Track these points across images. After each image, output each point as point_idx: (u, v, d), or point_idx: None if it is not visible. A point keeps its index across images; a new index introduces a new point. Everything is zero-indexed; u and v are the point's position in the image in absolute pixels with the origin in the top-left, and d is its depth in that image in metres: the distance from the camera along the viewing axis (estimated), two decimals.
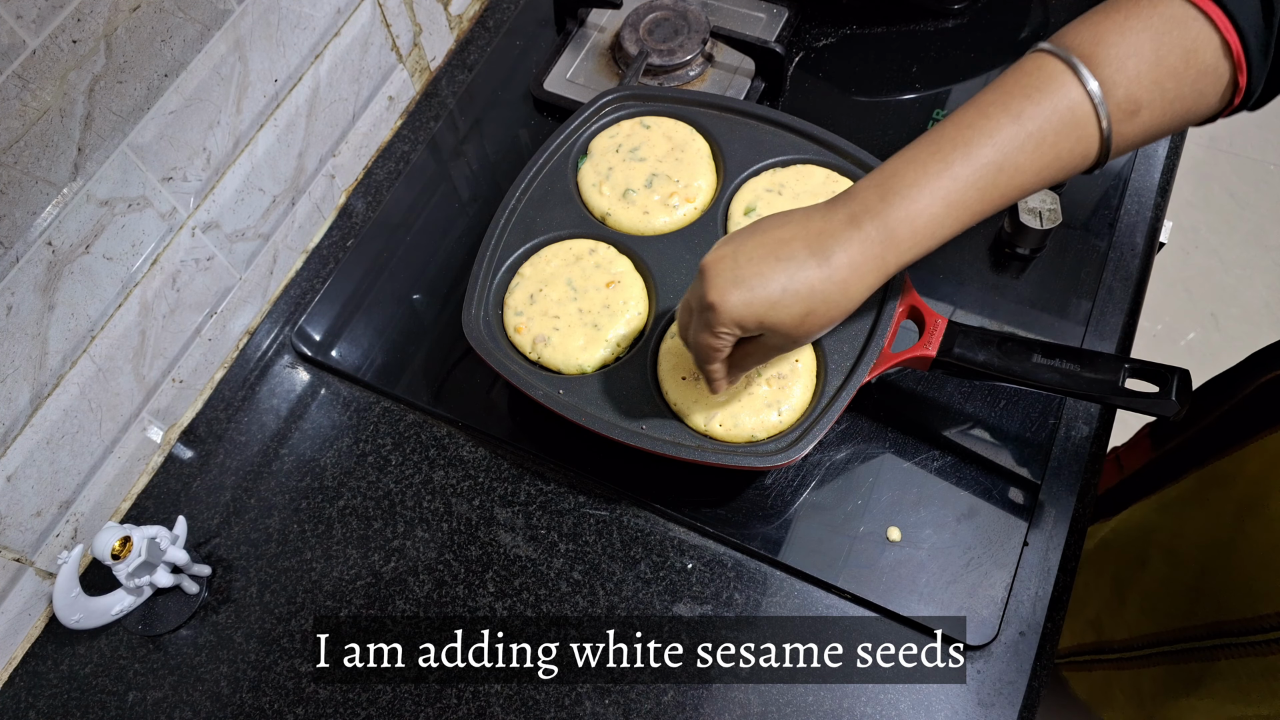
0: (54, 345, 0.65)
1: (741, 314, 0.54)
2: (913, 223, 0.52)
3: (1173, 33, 0.49)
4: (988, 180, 0.52)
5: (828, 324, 0.55)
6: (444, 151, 0.93)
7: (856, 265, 0.53)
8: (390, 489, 0.75)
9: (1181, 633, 0.69)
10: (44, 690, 0.69)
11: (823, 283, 0.53)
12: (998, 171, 0.52)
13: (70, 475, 0.70)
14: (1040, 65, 0.52)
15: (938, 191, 0.52)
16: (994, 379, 0.66)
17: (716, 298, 0.54)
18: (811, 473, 0.71)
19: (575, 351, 0.70)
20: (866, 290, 0.54)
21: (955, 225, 0.53)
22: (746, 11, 0.96)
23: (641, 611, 0.68)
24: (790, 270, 0.53)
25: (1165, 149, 0.85)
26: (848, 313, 0.55)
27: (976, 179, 0.52)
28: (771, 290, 0.53)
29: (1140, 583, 0.76)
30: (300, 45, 0.78)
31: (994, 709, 0.63)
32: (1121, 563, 0.80)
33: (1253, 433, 0.66)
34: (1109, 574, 0.81)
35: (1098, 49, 0.50)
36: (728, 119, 0.81)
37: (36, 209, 0.60)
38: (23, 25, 0.55)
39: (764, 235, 0.55)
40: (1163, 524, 0.75)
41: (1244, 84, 0.50)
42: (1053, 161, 0.52)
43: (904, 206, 0.52)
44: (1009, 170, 0.52)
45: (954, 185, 0.52)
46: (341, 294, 0.84)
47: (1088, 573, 0.84)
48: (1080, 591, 0.84)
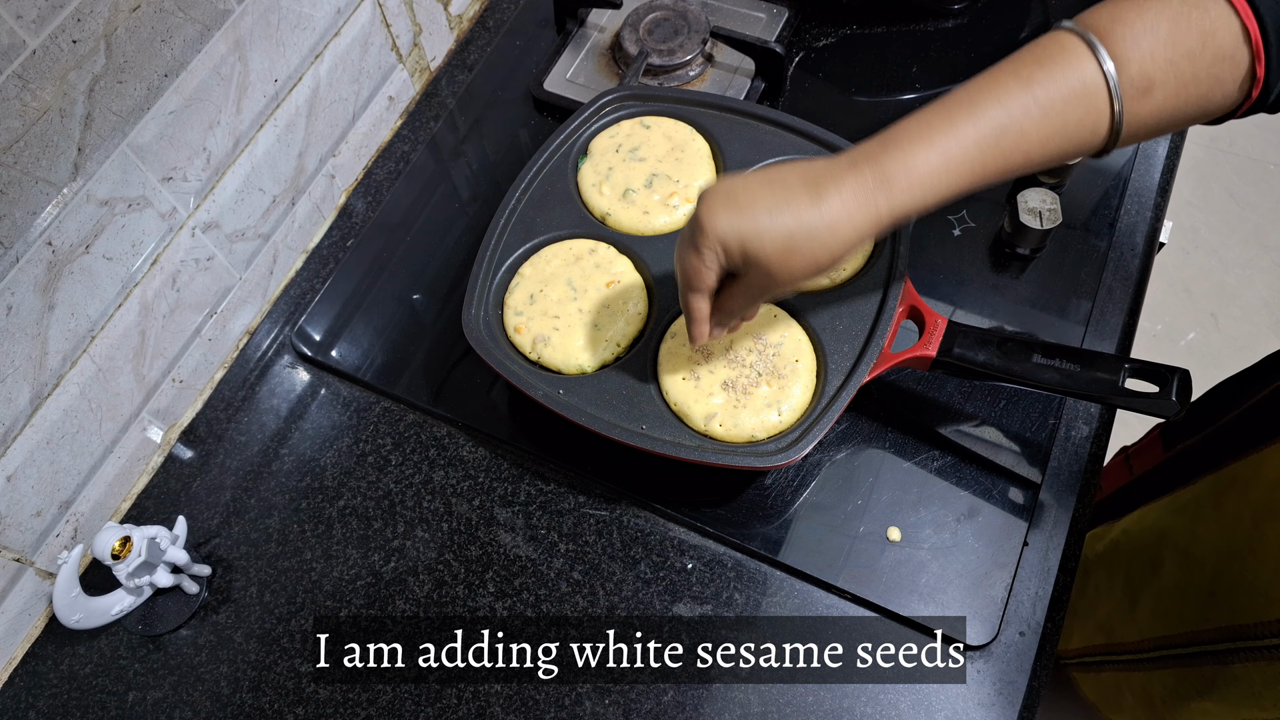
0: (54, 345, 0.65)
1: (726, 234, 0.54)
2: (910, 173, 0.53)
3: (1191, 14, 0.50)
4: (990, 142, 0.52)
5: (810, 265, 0.54)
6: (444, 151, 0.93)
7: (848, 206, 0.53)
8: (390, 489, 0.75)
9: (1194, 636, 0.69)
10: (44, 690, 0.69)
11: (811, 219, 0.53)
12: (1001, 134, 0.52)
13: (70, 475, 0.70)
14: (1057, 40, 0.53)
15: (938, 145, 0.52)
16: (994, 379, 0.66)
17: (705, 215, 0.54)
18: (811, 473, 0.71)
19: (575, 351, 0.70)
20: (855, 236, 0.54)
21: (954, 183, 0.53)
22: (746, 11, 0.96)
23: (641, 611, 0.68)
24: (781, 200, 0.53)
25: (1165, 149, 0.85)
26: (834, 256, 0.54)
27: (980, 139, 0.52)
28: (759, 217, 0.53)
29: (1153, 585, 0.76)
30: (300, 45, 0.78)
31: (994, 709, 0.63)
32: (1133, 565, 0.79)
33: (1271, 436, 0.66)
34: (1120, 576, 0.81)
35: (1114, 26, 0.51)
36: (728, 119, 0.81)
37: (36, 209, 0.60)
38: (23, 25, 0.55)
39: (765, 173, 0.56)
40: (1176, 526, 0.75)
41: (1262, 74, 0.50)
42: (1059, 131, 0.52)
43: (903, 157, 0.53)
44: (1014, 134, 0.52)
45: (957, 142, 0.52)
46: (341, 294, 0.84)
47: (1098, 574, 0.83)
48: (1091, 593, 0.83)
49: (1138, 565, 0.79)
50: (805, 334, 0.70)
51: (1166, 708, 0.73)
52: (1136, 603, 0.77)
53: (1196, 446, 0.78)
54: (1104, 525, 0.86)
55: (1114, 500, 0.87)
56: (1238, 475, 0.68)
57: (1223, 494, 0.70)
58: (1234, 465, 0.69)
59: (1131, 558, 0.80)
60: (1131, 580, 0.79)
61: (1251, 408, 0.71)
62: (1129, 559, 0.81)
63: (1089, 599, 0.84)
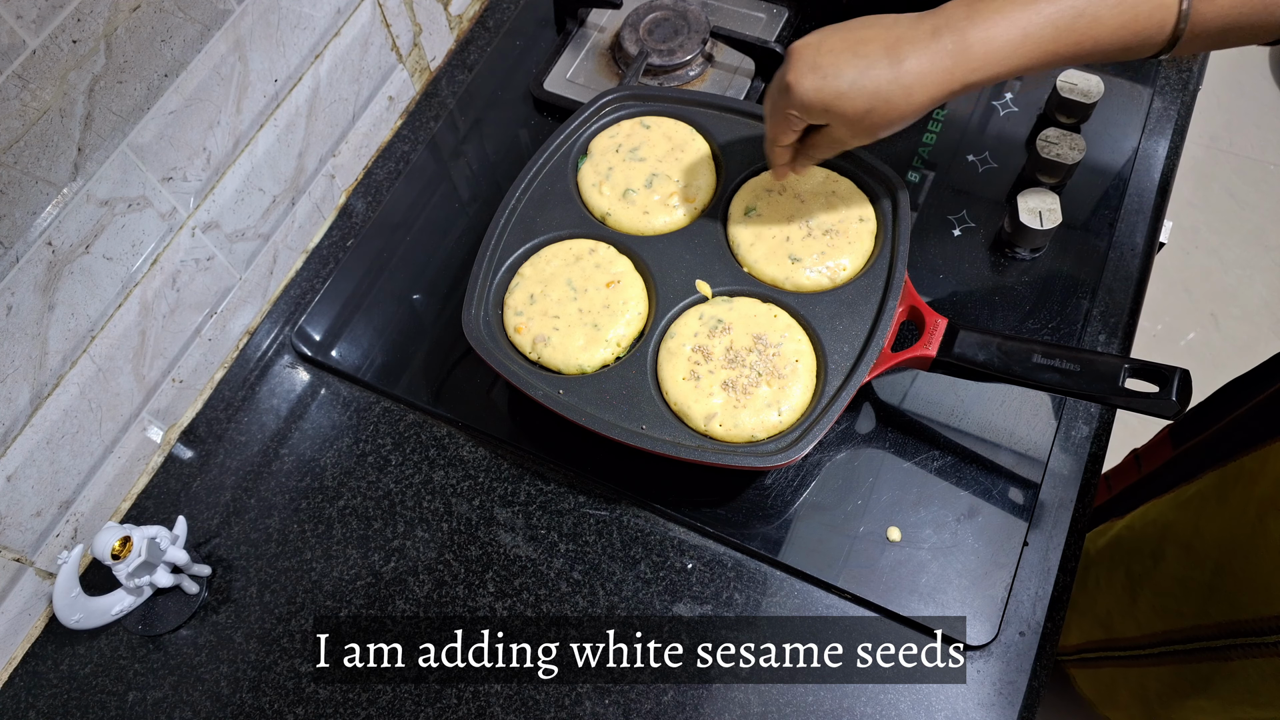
0: (54, 345, 0.65)
1: (810, 99, 0.58)
2: (988, 44, 0.55)
3: None
4: (1066, 22, 0.54)
5: (886, 125, 0.59)
6: (444, 151, 0.93)
7: (925, 74, 0.56)
8: (390, 489, 0.75)
9: (1194, 631, 0.69)
10: (44, 690, 0.69)
11: (889, 84, 0.56)
12: (1078, 16, 0.54)
13: (70, 475, 0.70)
14: None
15: (1018, 20, 0.54)
16: (994, 379, 0.66)
17: (793, 79, 0.59)
18: (811, 473, 0.71)
19: (575, 351, 0.70)
20: (929, 100, 0.57)
21: (1026, 59, 0.55)
22: (746, 11, 0.96)
23: (641, 611, 0.68)
24: (862, 67, 0.57)
25: (1165, 149, 0.85)
26: (906, 118, 0.58)
27: (1057, 17, 0.54)
28: (841, 82, 0.57)
29: (1154, 579, 0.76)
30: (300, 45, 0.78)
31: (994, 709, 0.63)
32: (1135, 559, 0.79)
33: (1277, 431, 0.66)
34: (1122, 570, 0.81)
35: None
36: (728, 119, 0.81)
37: (36, 209, 0.60)
38: (23, 25, 0.55)
39: (848, 32, 0.59)
40: (1180, 520, 0.75)
41: None
42: (1130, 23, 0.54)
43: (985, 28, 0.55)
44: (1088, 17, 0.54)
45: (1035, 19, 0.54)
46: (341, 294, 0.84)
47: (1100, 569, 0.83)
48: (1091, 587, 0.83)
49: (1139, 558, 0.79)
50: (805, 334, 0.70)
51: (1162, 703, 0.73)
52: (1137, 596, 0.77)
53: (1203, 443, 0.78)
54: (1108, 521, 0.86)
55: (1121, 499, 0.87)
56: (1243, 470, 0.68)
57: (1228, 488, 0.70)
58: (1241, 459, 0.69)
59: (1134, 551, 0.80)
60: (1132, 573, 0.79)
61: (1260, 403, 0.71)
62: (1131, 553, 0.81)
63: (1089, 593, 0.84)
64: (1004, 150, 0.85)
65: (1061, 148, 0.80)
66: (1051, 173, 0.81)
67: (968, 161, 0.85)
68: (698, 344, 0.69)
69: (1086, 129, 0.84)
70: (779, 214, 0.74)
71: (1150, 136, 0.85)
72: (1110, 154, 0.84)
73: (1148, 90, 0.87)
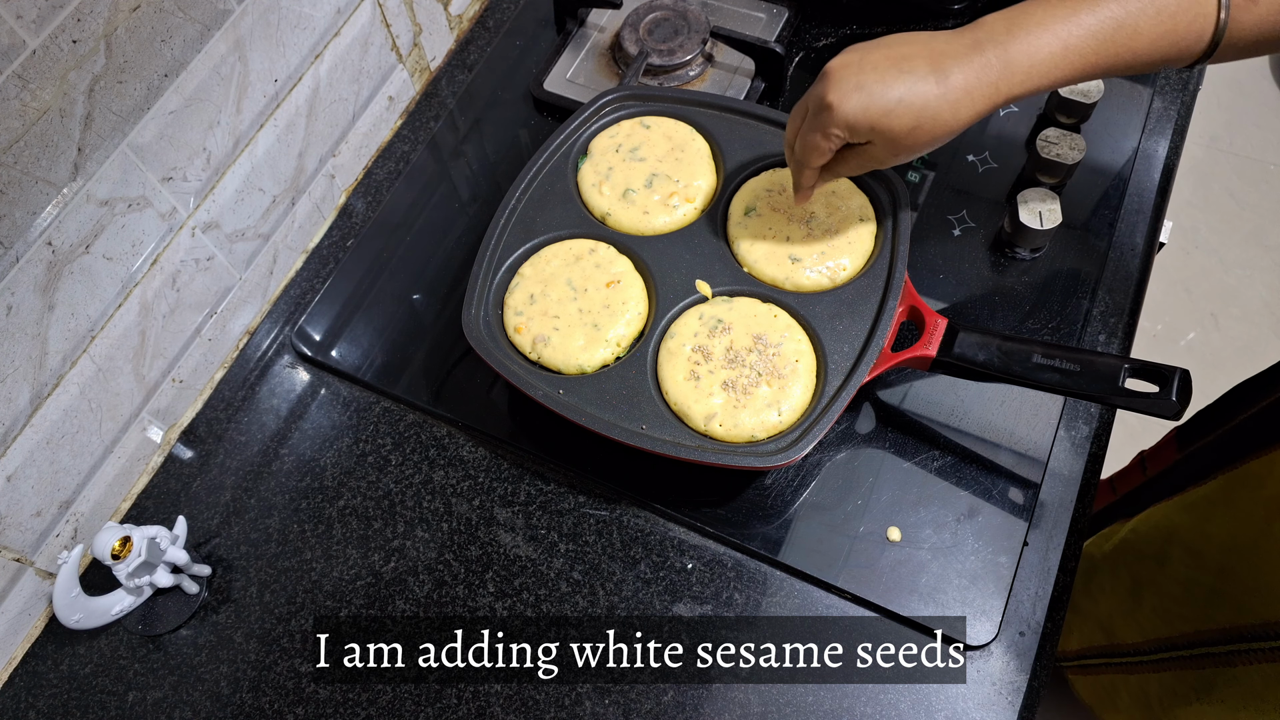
0: (54, 345, 0.65)
1: (857, 117, 0.57)
2: (1032, 57, 0.55)
3: None
4: (1107, 34, 0.54)
5: (931, 141, 0.58)
6: (444, 151, 0.93)
7: (971, 88, 0.56)
8: (390, 489, 0.75)
9: (1197, 636, 0.69)
10: (44, 690, 0.69)
11: (936, 100, 0.56)
12: (1118, 28, 0.54)
13: (70, 475, 0.70)
14: None
15: (1060, 33, 0.54)
16: (994, 379, 0.66)
17: (836, 99, 0.57)
18: (811, 473, 0.71)
19: (575, 351, 0.70)
20: (974, 115, 0.57)
21: (1067, 71, 0.55)
22: (746, 11, 0.96)
23: (641, 611, 0.68)
24: (909, 83, 0.56)
25: (1165, 149, 0.85)
26: (952, 133, 0.58)
27: (1098, 29, 0.54)
28: (889, 99, 0.56)
29: (1158, 582, 0.75)
30: (300, 45, 0.78)
31: (994, 709, 0.63)
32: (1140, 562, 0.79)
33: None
34: (1126, 573, 0.80)
35: None
36: (728, 119, 0.81)
37: (36, 209, 0.60)
38: (23, 25, 0.55)
39: (888, 49, 0.58)
40: (1186, 524, 0.75)
41: None
42: (1169, 33, 0.54)
43: (1028, 41, 0.55)
44: (1128, 30, 0.54)
45: (1076, 31, 0.54)
46: (341, 294, 0.84)
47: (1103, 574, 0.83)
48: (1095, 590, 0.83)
49: (1144, 561, 0.78)
50: (805, 334, 0.70)
51: (1164, 708, 0.73)
52: (1140, 599, 0.77)
53: (1209, 446, 0.77)
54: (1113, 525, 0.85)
55: (1125, 501, 0.86)
56: (1251, 473, 0.68)
57: (1235, 491, 0.69)
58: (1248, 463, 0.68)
59: (1139, 554, 0.80)
60: (1137, 576, 0.78)
61: (1267, 407, 0.71)
62: (1136, 556, 0.80)
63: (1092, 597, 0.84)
64: (1004, 150, 0.85)
65: (1061, 148, 0.80)
66: (1051, 173, 0.81)
67: (968, 161, 0.85)
68: (698, 344, 0.69)
69: (1086, 129, 0.84)
70: (779, 214, 0.74)
71: (1150, 136, 0.85)
72: (1110, 154, 0.84)
73: (1148, 90, 0.87)
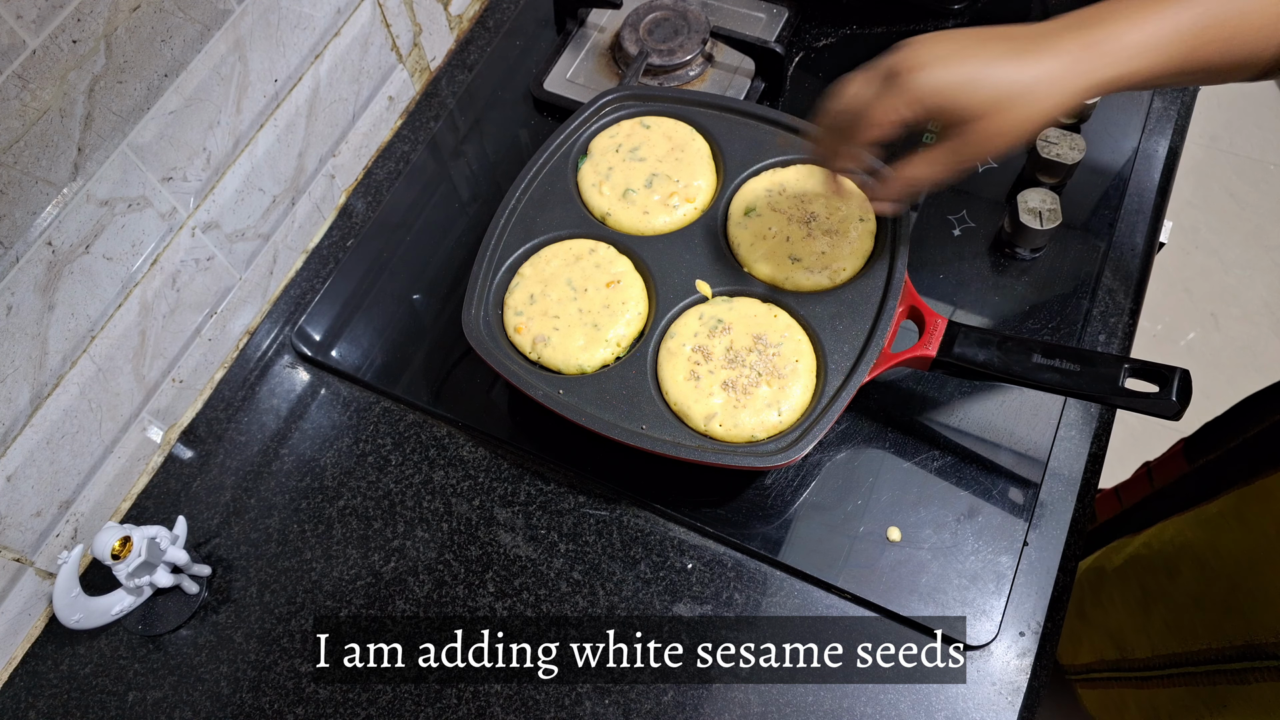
0: (54, 345, 0.65)
1: (933, 86, 0.53)
2: (1119, 43, 0.53)
3: None
4: (1193, 32, 0.53)
5: (1014, 127, 0.54)
6: (444, 151, 0.93)
7: (1053, 77, 0.53)
8: (390, 489, 0.75)
9: (1209, 652, 0.68)
10: (44, 690, 0.69)
11: (1014, 81, 0.52)
12: (1205, 26, 0.52)
13: (70, 475, 0.70)
14: None
15: (1148, 25, 0.53)
16: (994, 379, 0.66)
17: (913, 64, 0.53)
18: (811, 473, 0.71)
19: (575, 351, 0.70)
20: (1060, 100, 0.53)
21: (1151, 66, 0.53)
22: (746, 11, 0.96)
23: (641, 611, 0.68)
24: (989, 59, 0.53)
25: (1165, 149, 0.85)
26: (1036, 121, 0.54)
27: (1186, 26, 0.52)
28: (966, 70, 0.53)
29: (1169, 595, 0.74)
30: (300, 45, 0.78)
31: (994, 709, 0.63)
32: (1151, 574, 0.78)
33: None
34: (1136, 585, 0.79)
35: None
36: (728, 119, 0.81)
37: (36, 209, 0.60)
38: (23, 25, 0.55)
39: (969, 31, 0.55)
40: (1198, 539, 0.73)
41: None
42: (1251, 38, 0.53)
43: (1115, 29, 0.53)
44: (1214, 29, 0.52)
45: (1163, 25, 0.52)
46: (341, 294, 0.84)
47: (1113, 587, 0.82)
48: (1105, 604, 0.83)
49: (1155, 574, 0.78)
50: (805, 334, 0.70)
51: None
52: (1151, 612, 0.76)
53: (1221, 459, 0.77)
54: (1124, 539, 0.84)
55: (1134, 513, 0.86)
56: (1264, 489, 0.67)
57: (1248, 506, 0.69)
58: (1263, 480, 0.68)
59: (1149, 567, 0.79)
60: (1147, 588, 0.78)
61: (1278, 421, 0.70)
62: (1146, 570, 0.80)
63: (1102, 607, 0.83)
64: None
65: (1061, 147, 0.80)
66: (1051, 172, 0.81)
67: None
68: (698, 344, 0.69)
69: (1086, 129, 0.84)
70: (779, 214, 0.74)
71: (1150, 136, 0.85)
72: (1110, 154, 0.84)
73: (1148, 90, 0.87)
